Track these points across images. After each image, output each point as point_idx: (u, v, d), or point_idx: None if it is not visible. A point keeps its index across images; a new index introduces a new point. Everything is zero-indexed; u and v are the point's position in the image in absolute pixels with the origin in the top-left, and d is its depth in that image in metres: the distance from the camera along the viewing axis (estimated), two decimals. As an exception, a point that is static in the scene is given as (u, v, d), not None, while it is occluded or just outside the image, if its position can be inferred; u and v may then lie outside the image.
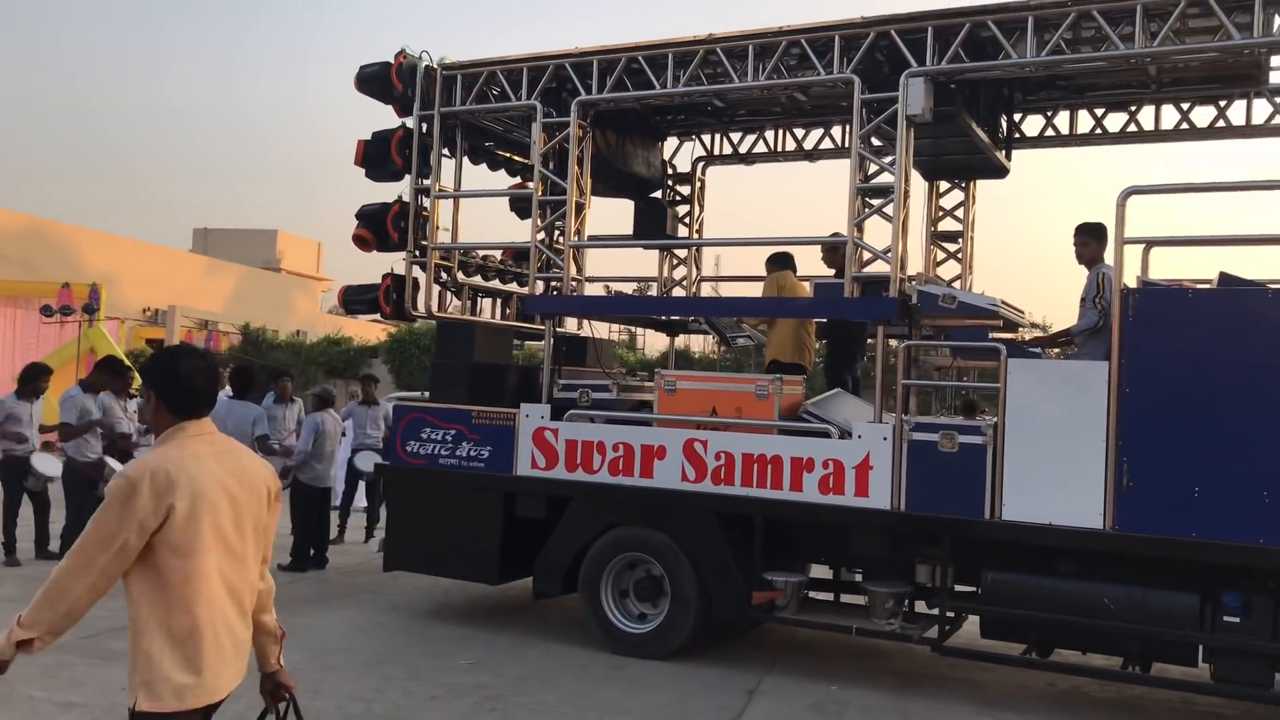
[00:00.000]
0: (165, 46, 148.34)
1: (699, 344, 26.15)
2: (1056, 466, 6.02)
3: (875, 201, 6.85)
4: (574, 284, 7.90)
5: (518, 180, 9.86)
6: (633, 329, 28.70)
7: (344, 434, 10.96)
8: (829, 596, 7.50)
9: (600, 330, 9.69)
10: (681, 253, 9.72)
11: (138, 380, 12.17)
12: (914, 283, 6.84)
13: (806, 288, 7.88)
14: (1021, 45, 6.49)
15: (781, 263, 7.84)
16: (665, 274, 9.77)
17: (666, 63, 7.49)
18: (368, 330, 41.30)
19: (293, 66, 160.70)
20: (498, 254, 9.42)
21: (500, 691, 6.23)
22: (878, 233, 6.91)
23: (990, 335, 6.66)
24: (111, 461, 8.73)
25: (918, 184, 8.06)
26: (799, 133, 9.33)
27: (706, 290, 9.46)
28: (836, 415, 6.96)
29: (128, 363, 11.62)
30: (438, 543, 7.92)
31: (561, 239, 7.99)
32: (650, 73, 7.55)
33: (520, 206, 9.69)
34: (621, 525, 7.29)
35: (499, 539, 7.68)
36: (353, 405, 11.88)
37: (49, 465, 9.50)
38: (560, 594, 7.62)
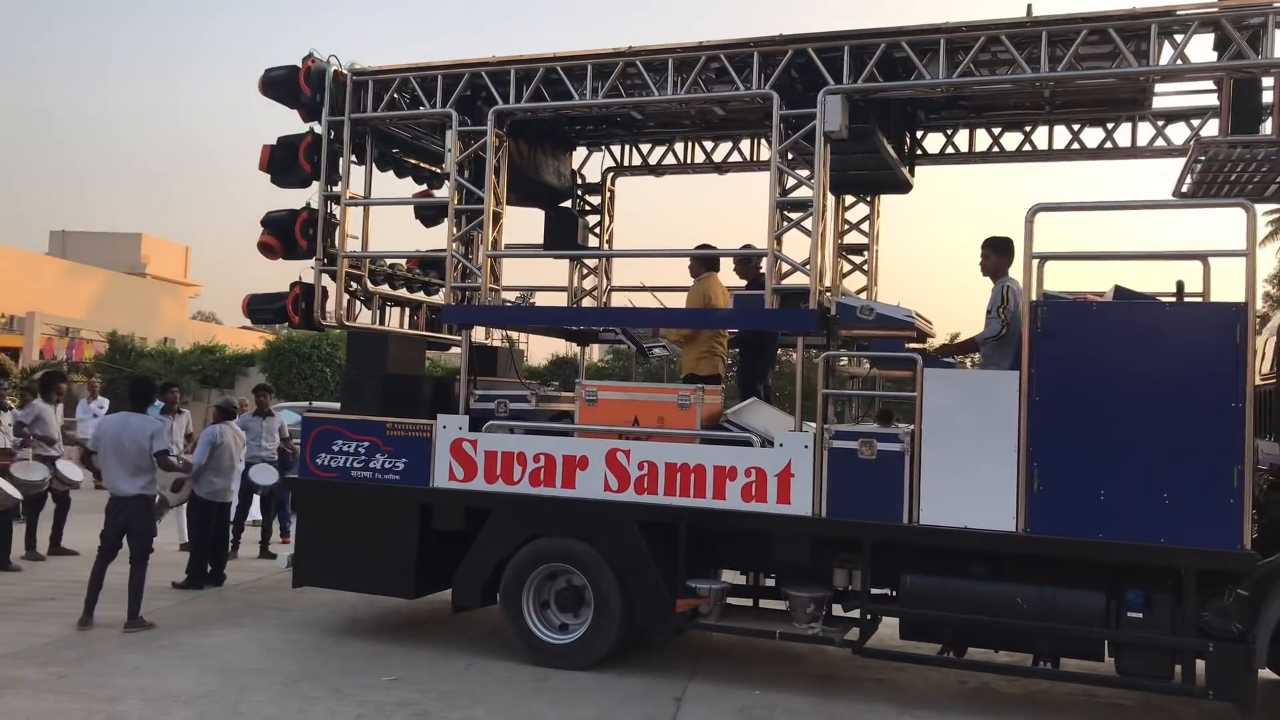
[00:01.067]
0: (17, 41, 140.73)
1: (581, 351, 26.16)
2: (971, 472, 6.25)
3: (793, 215, 7.02)
4: (491, 294, 7.84)
5: (424, 188, 9.73)
6: (511, 336, 28.61)
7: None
8: (748, 602, 7.61)
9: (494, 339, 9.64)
10: (591, 262, 9.75)
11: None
12: (832, 295, 7.02)
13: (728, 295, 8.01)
14: (933, 66, 6.75)
15: (708, 264, 7.93)
16: (575, 284, 9.78)
17: (585, 74, 7.53)
18: (241, 338, 40.01)
19: (153, 67, 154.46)
20: (403, 262, 9.27)
21: (427, 708, 6.13)
22: (789, 245, 7.08)
23: (905, 346, 6.87)
24: (3, 484, 8.23)
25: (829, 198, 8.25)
26: (708, 145, 9.47)
27: (622, 300, 9.48)
28: (756, 424, 7.09)
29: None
30: (351, 557, 7.74)
31: (472, 248, 7.93)
32: (569, 83, 7.56)
33: (426, 214, 9.58)
34: (543, 536, 7.25)
35: (415, 552, 7.55)
36: (246, 416, 11.48)
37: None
38: (480, 606, 7.55)
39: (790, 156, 7.29)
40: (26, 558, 10.61)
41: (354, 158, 8.39)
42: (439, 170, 9.68)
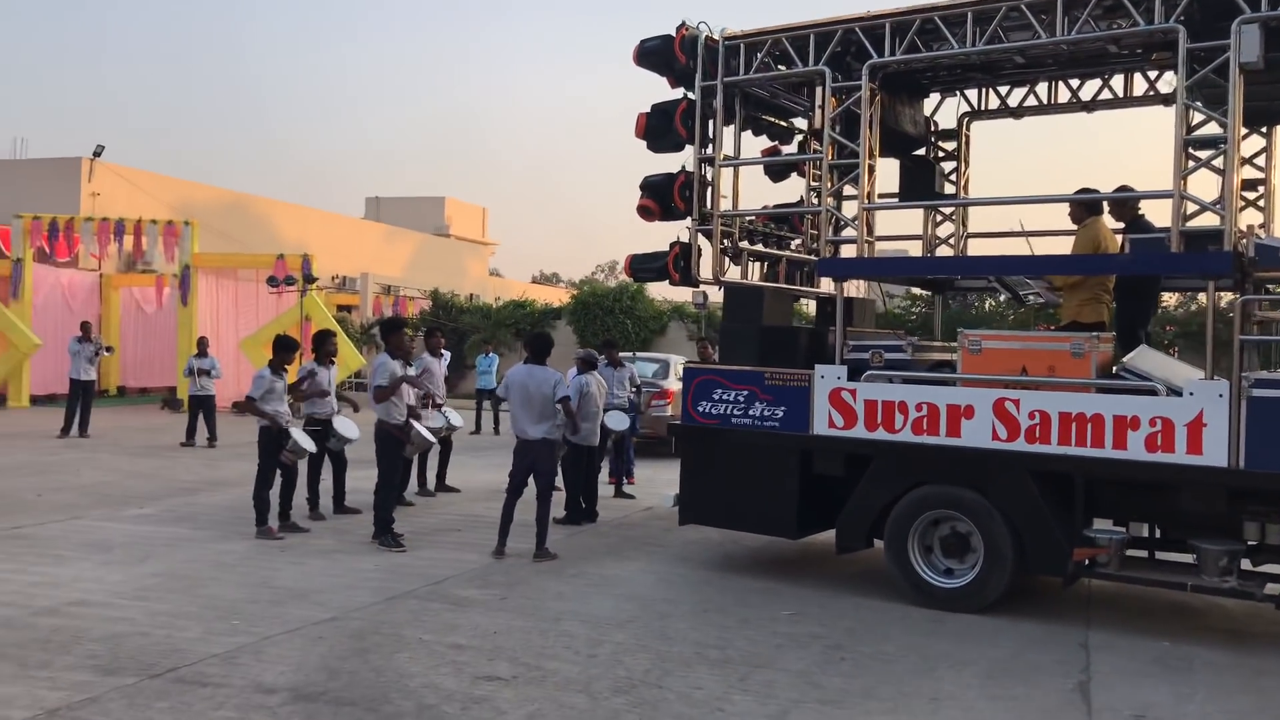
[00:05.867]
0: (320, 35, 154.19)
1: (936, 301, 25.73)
2: None
3: (1200, 154, 6.72)
4: (866, 245, 8.00)
5: (774, 144, 10.00)
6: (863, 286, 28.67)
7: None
8: (1142, 553, 7.46)
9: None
10: (947, 210, 9.71)
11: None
12: (1250, 236, 6.69)
13: (1117, 239, 7.79)
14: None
15: (1092, 209, 7.73)
16: (929, 232, 9.78)
17: (964, 21, 7.47)
18: (533, 292, 42.39)
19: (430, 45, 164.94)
20: (755, 218, 9.59)
21: (838, 641, 6.48)
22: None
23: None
24: (418, 426, 9.33)
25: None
26: (1074, 83, 9.14)
27: (987, 247, 9.39)
28: (1156, 371, 6.90)
29: (335, 327, 12.22)
30: (734, 499, 8.23)
31: (832, 201, 8.08)
32: (946, 31, 7.54)
33: (774, 170, 9.86)
34: (928, 483, 7.42)
35: (797, 496, 7.92)
36: (601, 366, 12.31)
37: (348, 428, 10.23)
38: (863, 549, 7.85)
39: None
40: (420, 494, 11.94)
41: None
42: (786, 125, 9.94)
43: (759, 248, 9.41)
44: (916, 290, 21.40)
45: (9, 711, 4.88)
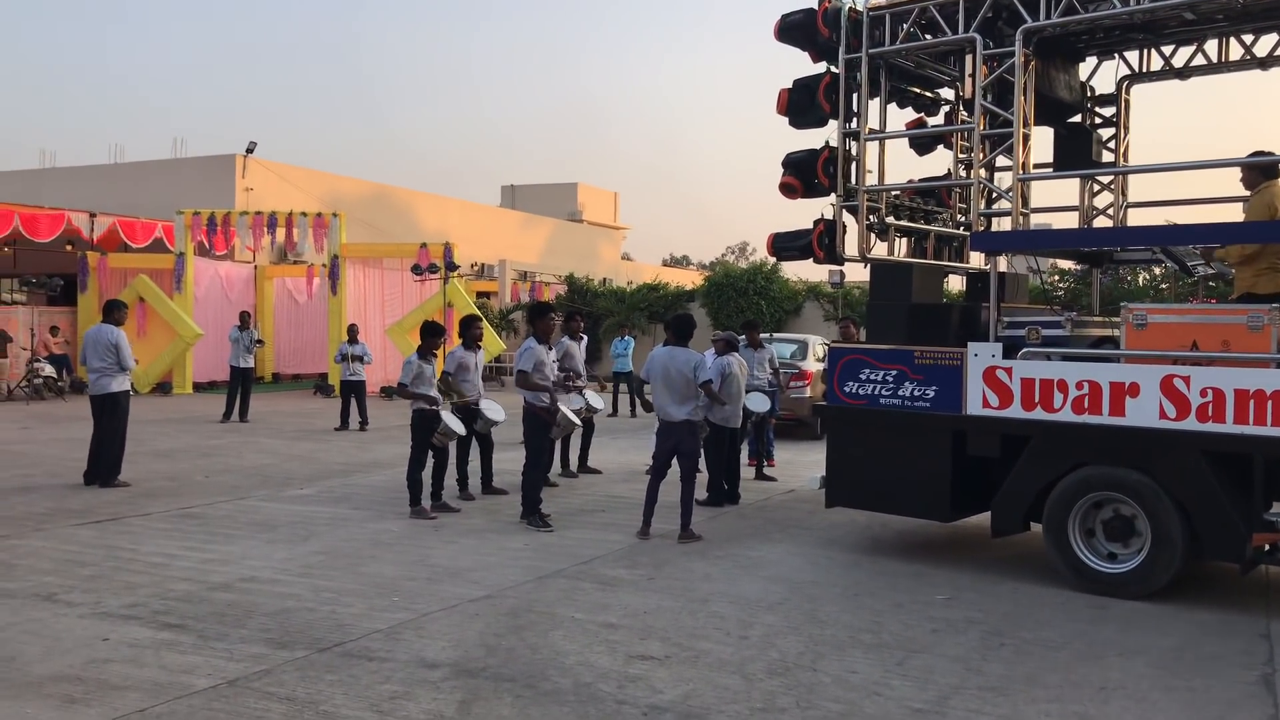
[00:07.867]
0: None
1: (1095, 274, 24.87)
2: None
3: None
4: (1021, 218, 7.71)
5: (918, 116, 9.72)
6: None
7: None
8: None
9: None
10: (1105, 179, 9.27)
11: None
12: None
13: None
14: None
15: (1267, 173, 7.25)
16: (1087, 203, 9.35)
17: (1127, -22, 7.10)
18: (665, 274, 42.50)
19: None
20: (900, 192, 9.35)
21: (997, 627, 6.28)
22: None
23: None
24: (564, 408, 9.46)
25: None
26: (1247, 39, 8.57)
27: (1147, 216, 8.95)
28: (1345, 345, 6.43)
29: (477, 313, 12.43)
30: (883, 481, 8.06)
31: (984, 172, 7.80)
32: (1108, -10, 7.18)
33: (920, 143, 9.59)
34: (1090, 464, 7.12)
35: (949, 477, 7.71)
36: (741, 348, 12.22)
37: (495, 411, 10.44)
38: (1019, 533, 7.59)
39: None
40: (563, 475, 12.11)
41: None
42: (932, 96, 9.64)
43: (905, 223, 9.18)
44: (1064, 263, 20.61)
45: (193, 679, 5.15)
